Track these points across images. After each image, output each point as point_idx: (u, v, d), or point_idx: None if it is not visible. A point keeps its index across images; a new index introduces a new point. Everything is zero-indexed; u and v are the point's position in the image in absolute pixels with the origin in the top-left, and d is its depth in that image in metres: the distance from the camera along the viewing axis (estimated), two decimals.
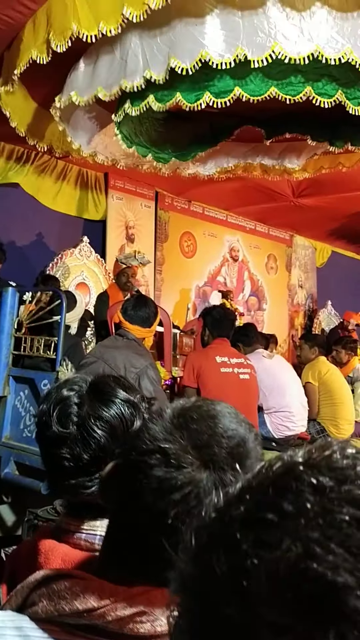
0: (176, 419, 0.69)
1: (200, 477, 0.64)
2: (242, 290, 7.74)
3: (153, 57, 3.07)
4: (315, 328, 8.38)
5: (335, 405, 4.38)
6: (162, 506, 0.63)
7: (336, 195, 6.28)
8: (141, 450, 0.67)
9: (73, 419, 0.96)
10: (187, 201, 6.97)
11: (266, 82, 3.17)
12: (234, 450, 0.67)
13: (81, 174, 5.89)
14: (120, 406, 0.98)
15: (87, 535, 0.95)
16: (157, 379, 2.96)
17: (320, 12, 2.84)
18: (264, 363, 3.84)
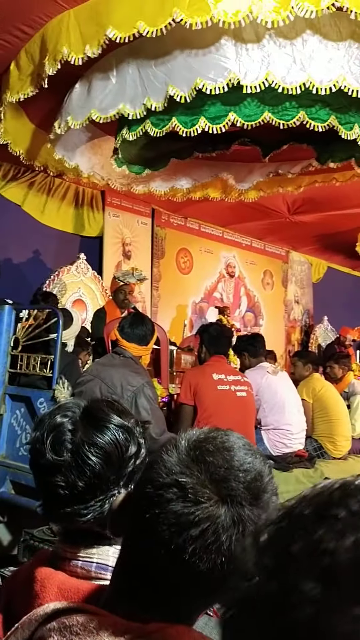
0: (192, 451, 0.68)
1: (218, 512, 0.64)
2: (239, 306, 7.77)
3: (151, 85, 3.12)
4: (312, 344, 8.40)
5: (332, 422, 4.37)
6: (179, 542, 0.63)
7: (330, 213, 6.33)
8: (157, 484, 0.66)
9: (67, 446, 0.95)
10: (184, 218, 7.01)
11: (260, 107, 3.22)
12: (251, 485, 0.67)
13: (78, 192, 5.94)
14: (115, 432, 0.97)
15: (84, 563, 0.94)
16: (153, 397, 2.95)
17: (312, 40, 2.89)
18: (267, 379, 3.83)
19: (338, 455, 4.36)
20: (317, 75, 2.88)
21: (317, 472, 3.89)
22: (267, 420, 3.80)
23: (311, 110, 3.21)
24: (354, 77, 2.91)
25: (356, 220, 6.62)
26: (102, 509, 0.94)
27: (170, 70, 3.04)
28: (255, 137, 4.31)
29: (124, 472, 0.97)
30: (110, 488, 0.95)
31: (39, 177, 5.50)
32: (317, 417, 4.41)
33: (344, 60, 2.90)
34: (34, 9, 3.14)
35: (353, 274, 9.38)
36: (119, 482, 0.96)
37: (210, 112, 3.23)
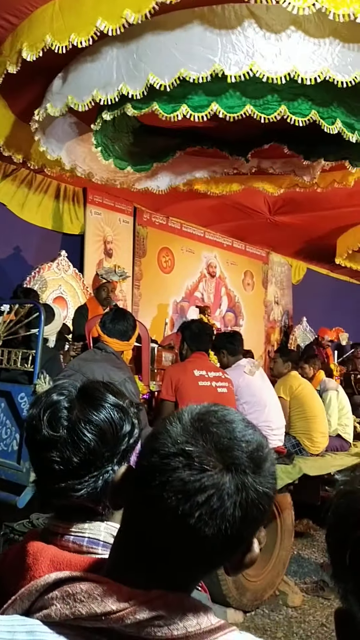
0: (197, 422, 0.70)
1: (223, 480, 0.66)
2: (219, 306, 7.81)
3: (129, 72, 3.11)
4: (291, 344, 8.49)
5: (309, 419, 4.43)
6: (186, 508, 0.65)
7: (311, 214, 6.41)
8: (163, 453, 0.68)
9: (63, 422, 0.97)
10: (165, 217, 7.02)
11: (242, 99, 3.24)
12: (253, 454, 0.70)
13: (59, 189, 5.91)
14: (110, 410, 1.00)
15: (75, 538, 0.95)
16: (135, 392, 2.96)
17: (296, 35, 2.93)
18: (245, 379, 3.86)
19: (315, 451, 4.42)
20: (302, 66, 2.91)
21: (295, 468, 3.94)
22: (249, 417, 3.82)
23: (293, 104, 3.24)
24: (337, 70, 2.96)
25: (335, 222, 6.72)
26: (95, 484, 0.97)
27: (151, 59, 3.04)
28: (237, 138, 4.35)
29: (118, 449, 0.99)
30: (104, 465, 0.98)
31: (20, 172, 5.47)
32: (294, 415, 4.47)
33: (327, 53, 2.94)
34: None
35: (332, 276, 9.50)
36: (113, 459, 0.99)
37: (192, 101, 3.25)
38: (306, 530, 5.57)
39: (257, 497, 0.68)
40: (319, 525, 5.73)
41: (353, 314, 9.77)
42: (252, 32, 2.89)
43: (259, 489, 0.68)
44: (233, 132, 4.29)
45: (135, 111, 3.30)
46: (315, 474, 4.23)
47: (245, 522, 0.67)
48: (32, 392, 3.09)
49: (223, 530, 0.66)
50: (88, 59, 3.28)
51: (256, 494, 0.68)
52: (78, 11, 2.97)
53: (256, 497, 0.68)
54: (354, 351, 8.31)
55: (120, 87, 3.11)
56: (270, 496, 0.71)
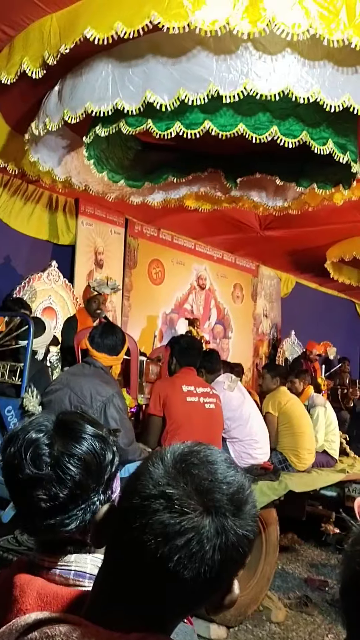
0: (178, 463, 0.71)
1: (203, 523, 0.67)
2: (209, 318, 7.83)
3: (124, 88, 3.13)
4: (279, 357, 8.52)
5: (296, 435, 4.45)
6: (165, 551, 0.65)
7: (301, 229, 6.46)
8: (144, 495, 0.68)
9: (46, 459, 0.97)
10: (157, 229, 7.05)
11: (235, 118, 3.27)
12: (234, 497, 0.70)
13: (51, 199, 5.91)
14: (91, 441, 1.00)
15: (62, 571, 0.96)
16: (123, 407, 2.97)
17: (290, 57, 2.97)
18: (225, 395, 3.87)
19: (302, 468, 4.43)
20: (296, 86, 2.94)
21: (282, 485, 3.95)
22: (231, 434, 3.84)
23: (284, 124, 3.27)
24: (328, 93, 3.00)
25: (325, 237, 6.78)
26: (84, 517, 0.97)
27: (149, 77, 3.06)
28: (229, 163, 4.39)
29: (103, 479, 1.00)
30: (91, 496, 0.98)
31: (13, 183, 5.47)
32: (282, 430, 4.48)
33: (319, 75, 2.99)
34: (15, 11, 3.14)
35: (320, 290, 9.57)
36: (99, 489, 1.00)
37: (186, 119, 3.27)
38: (291, 544, 5.57)
39: (237, 540, 0.69)
40: (303, 539, 5.74)
41: (341, 328, 9.84)
42: (248, 55, 2.93)
43: (238, 532, 0.69)
44: (221, 155, 4.36)
45: (130, 128, 3.32)
46: (301, 491, 4.25)
47: (224, 565, 0.68)
48: (19, 406, 3.08)
49: (202, 573, 0.66)
50: (84, 72, 3.30)
51: (236, 537, 0.69)
52: (72, 23, 2.99)
53: (236, 540, 0.69)
54: (341, 365, 8.36)
55: (116, 102, 3.13)
56: (250, 539, 0.71)
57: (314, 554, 5.50)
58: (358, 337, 10.57)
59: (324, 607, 4.27)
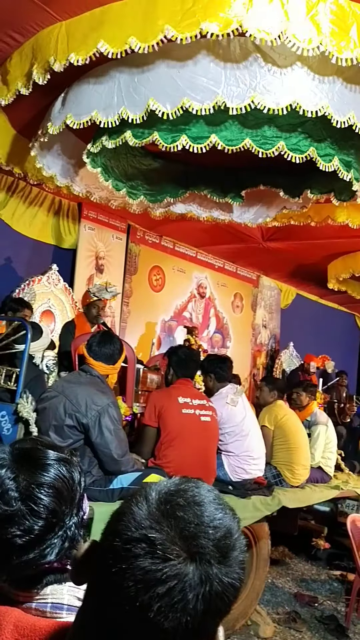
0: (163, 505, 0.67)
1: (186, 570, 0.63)
2: (207, 327, 7.82)
3: (129, 96, 3.12)
4: (277, 369, 8.50)
5: (291, 450, 4.42)
6: (145, 599, 0.61)
7: (303, 242, 6.46)
8: (125, 538, 0.64)
9: (13, 495, 0.93)
10: (159, 236, 7.05)
11: (241, 131, 3.26)
12: (220, 542, 0.66)
13: (54, 202, 5.91)
14: (57, 466, 0.97)
15: (38, 604, 0.92)
16: (118, 418, 2.95)
17: (300, 71, 2.97)
18: (227, 410, 3.84)
19: (296, 483, 4.40)
20: (304, 100, 2.93)
21: (275, 500, 3.93)
22: (227, 447, 3.81)
23: (291, 139, 3.26)
24: (335, 108, 3.00)
25: (326, 251, 6.78)
26: (62, 544, 0.94)
27: (153, 85, 3.05)
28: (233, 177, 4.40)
29: (75, 501, 0.97)
30: (66, 521, 0.95)
31: (16, 184, 5.46)
32: (277, 445, 4.45)
33: (328, 90, 2.98)
34: (26, 18, 3.13)
35: (320, 302, 9.56)
36: (72, 511, 0.97)
37: (192, 132, 3.26)
38: (282, 558, 5.55)
39: (222, 588, 0.65)
40: (294, 553, 5.71)
41: (340, 341, 9.83)
42: (257, 66, 2.93)
43: (224, 580, 0.65)
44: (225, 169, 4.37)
45: (136, 140, 3.31)
46: (294, 507, 4.22)
47: (207, 615, 0.64)
48: (13, 411, 3.06)
49: (184, 623, 0.62)
50: (90, 80, 3.30)
51: (221, 586, 0.65)
52: (82, 33, 2.98)
53: (220, 589, 0.65)
54: (338, 379, 8.34)
55: (121, 111, 3.12)
56: (236, 587, 0.67)
57: (304, 569, 5.47)
58: (356, 350, 10.57)
59: (313, 623, 4.24)
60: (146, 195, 4.54)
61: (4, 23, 3.21)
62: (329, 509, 5.55)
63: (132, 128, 3.31)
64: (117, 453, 2.84)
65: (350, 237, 5.90)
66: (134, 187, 4.45)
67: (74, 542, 0.96)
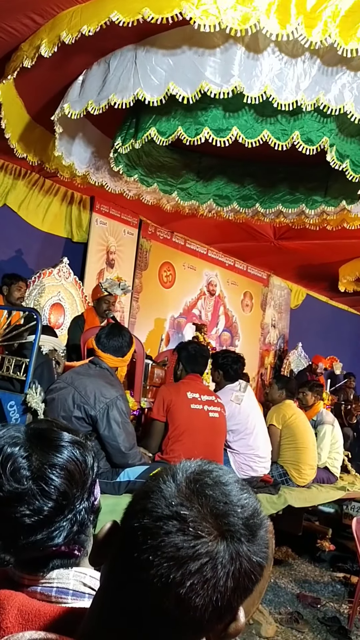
0: (192, 483, 0.67)
1: (218, 548, 0.63)
2: (217, 324, 7.80)
3: (146, 78, 3.08)
4: (285, 369, 8.47)
5: (298, 450, 4.39)
6: (177, 576, 0.62)
7: (315, 241, 6.42)
8: (156, 515, 0.65)
9: (25, 473, 0.92)
10: (170, 232, 7.03)
11: (258, 121, 3.29)
12: (249, 521, 0.67)
13: (67, 195, 5.91)
14: (71, 448, 0.96)
15: (43, 589, 0.91)
16: (126, 411, 2.93)
17: (309, 62, 2.95)
18: (231, 407, 3.82)
19: (302, 483, 4.38)
20: (310, 95, 2.94)
21: (281, 499, 3.91)
22: (234, 445, 3.80)
23: (305, 129, 3.27)
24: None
25: (339, 253, 6.74)
26: (71, 528, 0.93)
27: (173, 69, 3.03)
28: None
29: (87, 486, 0.96)
30: (76, 505, 0.94)
31: (30, 175, 5.47)
32: (284, 444, 4.43)
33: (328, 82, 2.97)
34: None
35: (330, 304, 9.52)
36: (83, 496, 0.96)
37: (211, 123, 3.28)
38: (285, 558, 5.52)
39: (251, 567, 0.65)
40: (298, 554, 5.68)
41: (349, 343, 9.79)
42: (273, 55, 2.91)
43: (252, 559, 0.66)
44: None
45: (162, 137, 3.34)
46: (300, 506, 4.20)
47: (236, 593, 0.64)
48: (22, 401, 3.06)
49: (214, 601, 0.62)
50: (108, 62, 3.27)
51: (250, 564, 0.65)
52: (97, 8, 2.94)
53: (249, 567, 0.65)
54: (346, 381, 8.30)
55: (137, 92, 3.08)
56: (262, 566, 0.67)
57: (308, 570, 5.44)
58: None
59: (315, 624, 4.22)
60: (160, 184, 4.54)
61: (24, 4, 3.17)
62: (334, 511, 5.52)
63: (155, 122, 3.32)
64: (124, 446, 2.83)
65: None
66: (147, 174, 4.46)
67: (83, 527, 0.95)
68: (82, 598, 0.90)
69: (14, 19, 3.28)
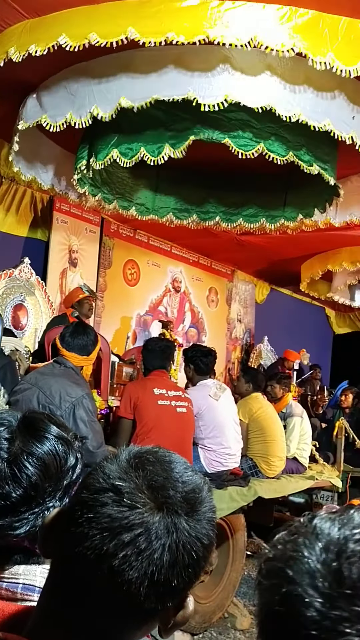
0: (133, 459, 0.67)
1: (153, 519, 0.63)
2: (183, 321, 7.80)
3: (99, 93, 3.17)
4: (252, 362, 8.52)
5: (267, 443, 4.42)
6: (110, 547, 0.61)
7: (278, 236, 6.46)
8: (93, 488, 0.64)
9: (2, 455, 0.92)
10: (133, 229, 6.99)
11: (220, 134, 3.31)
12: (189, 495, 0.66)
13: (25, 194, 5.79)
14: (54, 443, 0.95)
15: (9, 584, 0.89)
16: (92, 409, 2.90)
17: (271, 80, 3.00)
18: (208, 402, 3.80)
19: (272, 474, 4.41)
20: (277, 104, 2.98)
21: (251, 491, 3.93)
22: (204, 442, 3.79)
23: (267, 142, 3.30)
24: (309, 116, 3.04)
25: (301, 248, 6.81)
26: (35, 522, 0.91)
27: (124, 83, 3.10)
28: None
29: (61, 484, 0.95)
30: (46, 500, 0.92)
31: None
32: (252, 437, 4.45)
33: (300, 98, 3.04)
34: None
35: (294, 297, 9.62)
36: (56, 494, 0.94)
37: (176, 138, 3.33)
38: (257, 551, 5.55)
39: (189, 542, 0.64)
40: None
41: (312, 334, 9.91)
42: (227, 75, 2.96)
43: (191, 534, 0.64)
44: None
45: (124, 159, 3.40)
46: (270, 497, 4.23)
47: (174, 569, 0.63)
48: None
49: (149, 573, 0.61)
50: (62, 82, 3.34)
51: (188, 539, 0.64)
52: (45, 27, 3.00)
53: (188, 542, 0.64)
54: (312, 372, 8.41)
55: (92, 109, 3.16)
56: (205, 544, 0.66)
57: None
58: (328, 344, 10.68)
59: None
60: (119, 200, 4.65)
61: None
62: (304, 501, 5.58)
63: (119, 144, 3.39)
64: (92, 445, 2.80)
65: (326, 231, 5.93)
66: (108, 192, 4.50)
67: None
68: None
69: None
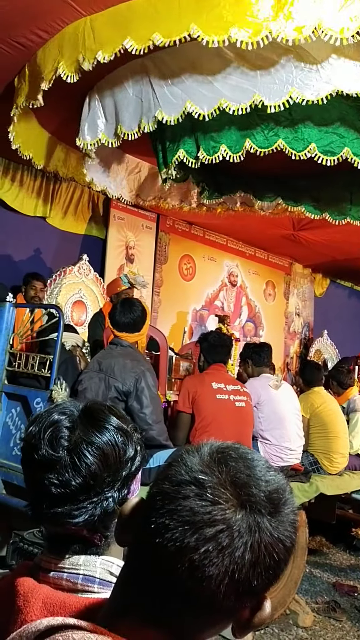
0: (215, 454, 0.66)
1: (235, 517, 0.61)
2: (239, 315, 7.74)
3: (164, 97, 3.15)
4: (312, 357, 8.36)
5: (329, 439, 4.32)
6: (192, 541, 0.60)
7: (337, 234, 6.29)
8: (175, 480, 0.64)
9: (63, 443, 0.93)
10: (188, 224, 6.99)
11: (275, 132, 3.30)
12: (272, 495, 0.64)
13: (83, 193, 5.91)
14: (114, 433, 0.96)
15: (69, 575, 0.89)
16: (154, 384, 2.97)
17: (337, 62, 2.86)
18: (269, 392, 3.77)
19: (334, 471, 4.31)
20: (344, 85, 2.85)
21: (312, 487, 3.85)
22: (265, 435, 3.75)
23: (324, 140, 3.25)
24: None
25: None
26: (94, 511, 0.92)
27: (188, 87, 3.07)
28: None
29: (120, 475, 0.95)
30: (105, 490, 0.93)
31: (47, 178, 5.48)
32: (314, 433, 4.36)
33: None
34: (51, 14, 3.06)
35: (356, 289, 9.36)
36: (114, 484, 0.94)
37: (230, 140, 3.35)
38: (319, 548, 5.46)
39: (271, 542, 0.62)
40: (332, 543, 5.62)
41: None
42: (290, 66, 2.86)
43: (274, 534, 0.63)
44: None
45: (190, 157, 3.48)
46: (333, 494, 4.14)
47: (255, 569, 0.61)
48: (48, 398, 3.07)
49: (230, 572, 0.60)
50: (124, 87, 3.34)
51: (271, 539, 0.62)
52: (108, 29, 2.95)
53: (270, 543, 0.62)
54: None
55: (157, 114, 3.15)
56: (286, 546, 0.64)
57: (343, 558, 5.37)
58: None
59: (353, 613, 4.16)
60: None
61: (30, 19, 3.12)
62: None
63: (185, 147, 3.46)
64: (152, 418, 2.85)
65: None
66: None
67: (106, 516, 0.94)
68: (108, 587, 0.89)
69: (19, 35, 3.27)
